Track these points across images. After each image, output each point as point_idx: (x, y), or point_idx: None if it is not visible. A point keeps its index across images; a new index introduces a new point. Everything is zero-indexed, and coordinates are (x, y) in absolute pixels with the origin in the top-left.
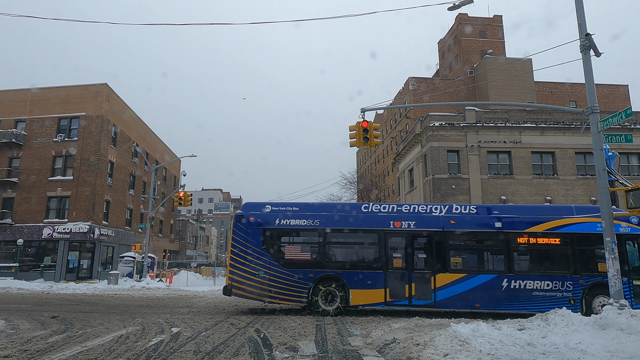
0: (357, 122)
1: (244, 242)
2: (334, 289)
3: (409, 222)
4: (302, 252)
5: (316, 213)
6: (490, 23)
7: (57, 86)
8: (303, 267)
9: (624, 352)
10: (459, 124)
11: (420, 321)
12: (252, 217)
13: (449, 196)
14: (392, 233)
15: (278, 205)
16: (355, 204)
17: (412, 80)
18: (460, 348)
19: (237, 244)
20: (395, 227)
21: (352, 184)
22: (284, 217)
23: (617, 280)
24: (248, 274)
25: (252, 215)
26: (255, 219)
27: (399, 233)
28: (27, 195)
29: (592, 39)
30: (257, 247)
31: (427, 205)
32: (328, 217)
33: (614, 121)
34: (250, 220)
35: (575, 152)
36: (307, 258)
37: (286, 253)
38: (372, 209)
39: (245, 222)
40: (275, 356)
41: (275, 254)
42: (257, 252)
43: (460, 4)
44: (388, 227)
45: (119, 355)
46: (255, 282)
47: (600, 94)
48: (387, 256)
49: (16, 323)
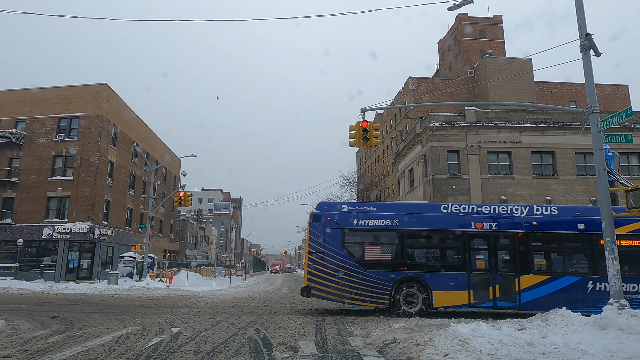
0: (357, 122)
1: (322, 242)
2: (416, 291)
3: (490, 223)
4: (382, 252)
5: (394, 213)
6: (490, 23)
7: (57, 86)
8: (384, 268)
9: (624, 352)
10: (459, 124)
11: (420, 321)
12: (329, 217)
13: (449, 196)
14: (473, 234)
15: (354, 205)
16: (434, 204)
17: (412, 80)
18: (460, 348)
19: (314, 244)
20: (476, 228)
21: (352, 184)
22: (362, 217)
23: (617, 280)
24: (328, 275)
25: (329, 215)
26: (332, 219)
27: (481, 234)
28: (27, 195)
29: (592, 39)
30: (335, 247)
31: (507, 206)
32: (407, 218)
33: (614, 121)
34: (327, 220)
35: (575, 152)
36: (388, 259)
37: (366, 254)
38: (452, 209)
39: (323, 222)
40: (275, 356)
41: (354, 254)
42: (335, 253)
43: (460, 4)
44: (469, 228)
45: (119, 355)
46: (335, 284)
47: (600, 94)
48: (470, 257)
49: (16, 323)
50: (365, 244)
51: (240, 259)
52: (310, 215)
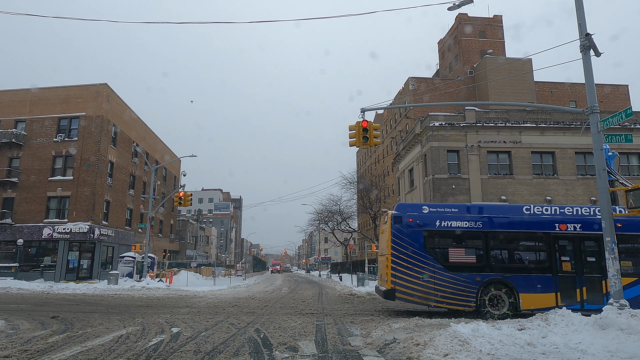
0: (357, 122)
1: (405, 244)
2: (503, 293)
3: (575, 224)
4: (466, 255)
5: (477, 215)
6: (490, 23)
7: (57, 86)
8: (469, 270)
9: (624, 352)
10: (459, 124)
11: (420, 321)
12: (411, 219)
13: (449, 196)
14: (559, 236)
15: (435, 206)
16: (516, 205)
17: (412, 80)
18: (460, 348)
19: (397, 247)
20: (561, 229)
21: (352, 184)
22: (445, 219)
23: (617, 280)
24: (412, 278)
25: (411, 216)
26: (414, 221)
27: (566, 236)
28: (27, 195)
29: (592, 39)
30: (418, 249)
31: (590, 207)
32: (490, 220)
33: (614, 121)
34: (409, 222)
35: (575, 152)
36: (473, 261)
37: (450, 256)
38: (534, 211)
39: (405, 223)
40: (275, 356)
41: (438, 256)
42: (419, 255)
43: (460, 4)
44: (554, 229)
45: (119, 355)
46: (419, 286)
47: (600, 94)
48: (555, 259)
49: (16, 323)
50: (448, 246)
51: (240, 259)
52: (391, 217)
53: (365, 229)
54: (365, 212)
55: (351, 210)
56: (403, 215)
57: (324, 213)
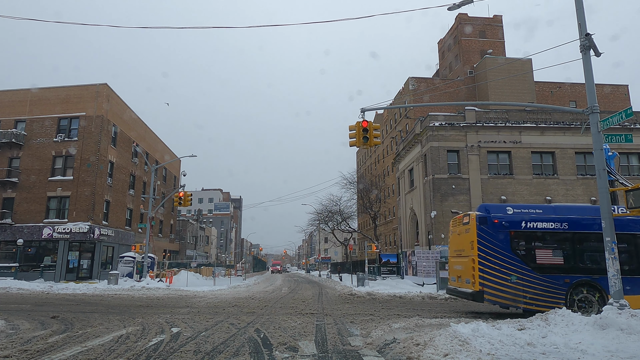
0: (357, 122)
1: (491, 245)
2: (591, 296)
3: None
4: (554, 256)
5: (563, 216)
6: (490, 23)
7: (57, 86)
8: (557, 272)
9: (624, 352)
10: (459, 124)
11: (420, 321)
12: (496, 220)
13: (449, 196)
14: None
15: (519, 207)
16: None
17: (412, 80)
18: (460, 348)
19: (484, 248)
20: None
21: (352, 184)
22: (530, 220)
23: (617, 280)
24: (500, 279)
25: (496, 217)
26: (499, 222)
27: None
28: (27, 195)
29: (592, 39)
30: (505, 250)
31: None
32: (576, 220)
33: (614, 121)
34: (494, 223)
35: (575, 152)
36: (560, 262)
37: (537, 257)
38: (619, 211)
39: (490, 224)
40: (275, 356)
41: (525, 258)
42: (505, 256)
43: (460, 4)
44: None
45: (119, 355)
46: (508, 288)
47: (600, 94)
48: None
49: (16, 323)
50: (535, 247)
51: (240, 259)
52: (476, 218)
53: (365, 229)
54: (365, 212)
55: (351, 210)
56: (488, 216)
57: (324, 213)
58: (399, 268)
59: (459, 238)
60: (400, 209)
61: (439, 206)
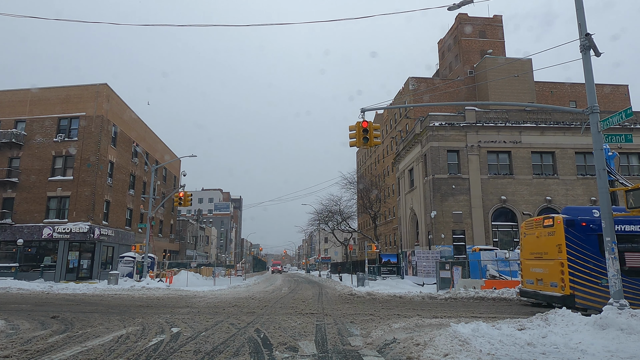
0: (357, 122)
1: (580, 248)
2: None
3: None
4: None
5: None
6: (490, 23)
7: (57, 86)
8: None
9: (624, 352)
10: (459, 124)
11: (420, 321)
12: (584, 223)
13: (449, 196)
14: None
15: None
16: None
17: (412, 80)
18: (460, 348)
19: (572, 251)
20: None
21: (352, 184)
22: (619, 223)
23: (617, 280)
24: (590, 283)
25: (584, 220)
26: (587, 225)
27: None
28: (27, 195)
29: (592, 39)
30: (594, 253)
31: None
32: None
33: (614, 121)
34: (582, 226)
35: (575, 152)
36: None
37: (627, 260)
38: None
39: (578, 227)
40: (275, 356)
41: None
42: (595, 259)
43: (460, 4)
44: None
45: (119, 355)
46: (599, 292)
47: (600, 94)
48: None
49: (16, 323)
50: (625, 250)
51: (240, 259)
52: (563, 221)
53: (365, 229)
54: (365, 212)
55: (351, 210)
56: (576, 219)
57: (324, 213)
58: (399, 268)
59: (538, 241)
60: (400, 209)
61: (439, 206)
